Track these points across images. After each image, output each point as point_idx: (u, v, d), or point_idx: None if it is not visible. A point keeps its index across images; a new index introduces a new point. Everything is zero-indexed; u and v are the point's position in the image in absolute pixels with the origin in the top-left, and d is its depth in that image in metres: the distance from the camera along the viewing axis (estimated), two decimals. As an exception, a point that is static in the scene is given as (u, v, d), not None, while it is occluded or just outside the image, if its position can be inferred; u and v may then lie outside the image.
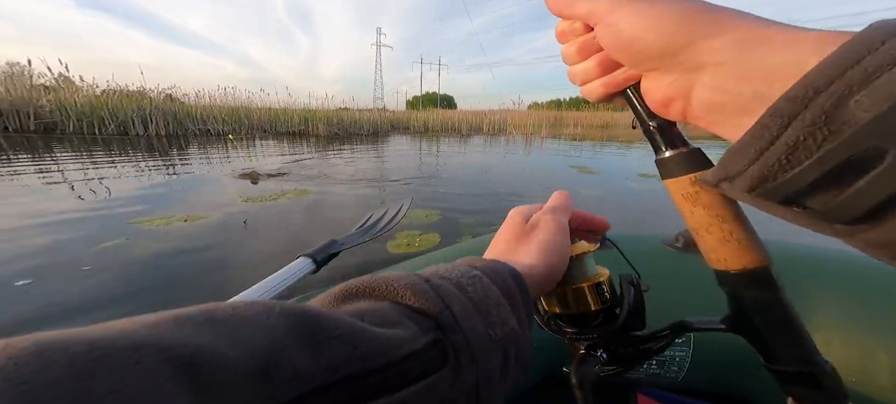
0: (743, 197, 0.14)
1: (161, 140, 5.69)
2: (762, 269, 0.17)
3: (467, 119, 12.09)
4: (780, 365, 0.18)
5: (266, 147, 5.41)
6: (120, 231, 1.56)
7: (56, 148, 4.21)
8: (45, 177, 2.59)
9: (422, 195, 2.43)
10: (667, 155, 0.18)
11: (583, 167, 3.88)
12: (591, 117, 15.34)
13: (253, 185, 2.57)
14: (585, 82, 0.19)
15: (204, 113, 7.40)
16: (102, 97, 6.58)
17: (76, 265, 1.24)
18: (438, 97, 44.15)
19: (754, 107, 0.12)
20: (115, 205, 1.96)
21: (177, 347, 0.08)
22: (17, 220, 1.62)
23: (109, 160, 3.56)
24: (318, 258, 0.50)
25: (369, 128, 9.48)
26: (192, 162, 3.70)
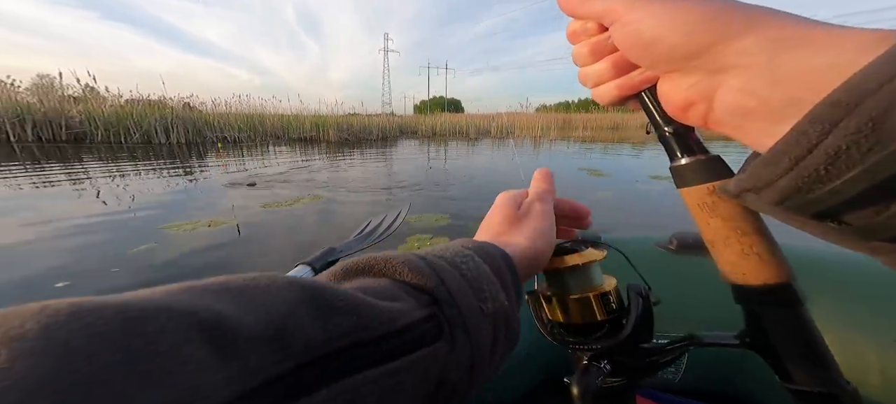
0: (768, 209, 0.13)
1: (181, 148, 5.96)
2: (785, 285, 0.16)
3: (475, 122, 12.15)
4: (798, 384, 0.17)
5: (279, 153, 5.59)
6: (149, 236, 1.67)
7: (86, 156, 4.46)
8: (78, 185, 2.77)
9: (431, 199, 2.48)
10: (683, 162, 0.17)
11: (593, 170, 3.87)
12: (600, 119, 15.15)
13: (250, 188, 2.70)
14: (598, 85, 0.18)
15: (220, 121, 7.70)
16: (127, 107, 6.90)
17: (109, 268, 1.34)
18: (446, 101, 44.33)
19: (788, 114, 0.11)
20: (143, 211, 2.10)
21: (201, 311, 0.08)
22: (54, 227, 1.76)
23: (135, 168, 3.76)
24: (316, 266, 0.51)
25: (379, 133, 9.65)
26: (211, 169, 3.87)
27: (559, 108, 18.32)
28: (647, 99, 0.17)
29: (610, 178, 3.38)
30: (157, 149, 5.53)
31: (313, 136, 8.78)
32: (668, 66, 0.15)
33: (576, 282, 0.22)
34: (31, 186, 2.66)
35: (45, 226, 1.76)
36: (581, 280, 0.22)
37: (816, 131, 0.10)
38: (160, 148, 5.83)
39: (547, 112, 16.68)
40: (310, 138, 8.70)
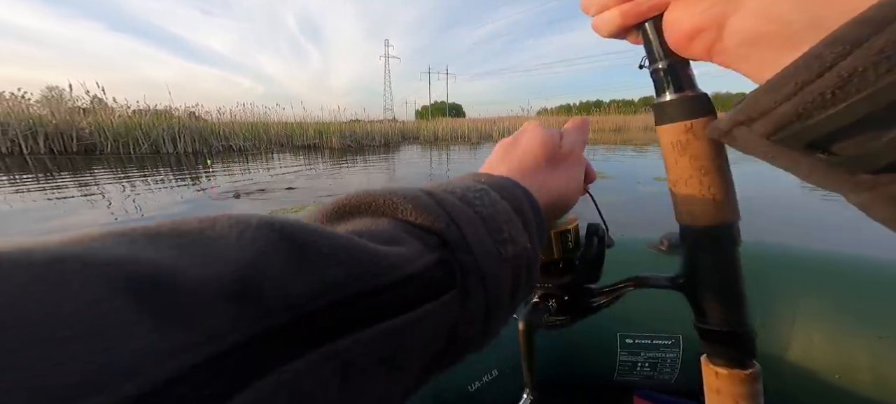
0: (756, 144, 0.12)
1: (188, 157, 6.08)
2: (728, 226, 0.17)
3: (477, 127, 12.23)
4: (710, 323, 0.18)
5: (283, 159, 5.67)
6: None
7: (96, 167, 4.57)
8: (89, 196, 2.85)
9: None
10: (667, 98, 0.17)
11: (597, 172, 3.87)
12: (602, 121, 15.17)
13: (235, 200, 2.74)
14: (601, 10, 0.17)
15: (226, 129, 7.84)
16: (135, 117, 7.05)
17: None
18: (447, 106, 44.55)
19: (805, 38, 0.10)
20: (151, 220, 2.15)
21: (131, 263, 0.06)
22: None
23: (143, 178, 3.85)
24: None
25: (381, 140, 9.75)
26: (219, 177, 3.95)
27: (560, 111, 18.38)
28: (650, 29, 0.16)
29: (613, 181, 3.41)
30: (165, 159, 5.65)
31: (317, 144, 8.89)
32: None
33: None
34: (44, 198, 2.74)
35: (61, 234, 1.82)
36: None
37: (833, 53, 0.09)
38: (168, 157, 5.96)
39: (548, 115, 16.74)
40: (313, 145, 8.81)
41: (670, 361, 0.48)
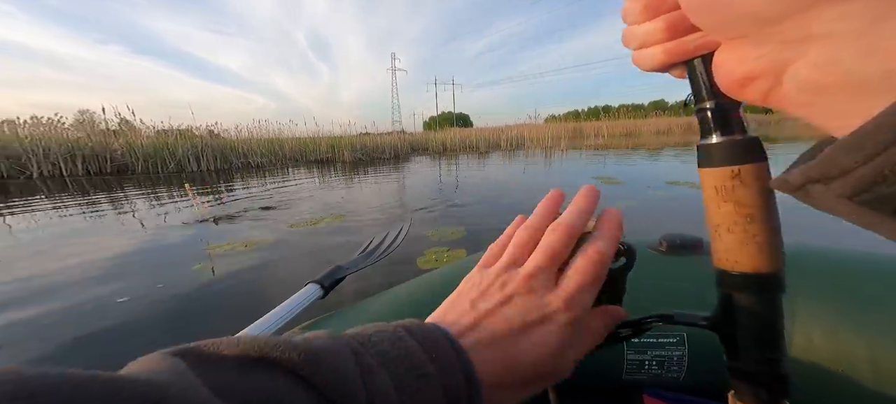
0: (835, 204, 0.11)
1: (211, 174, 6.40)
2: (773, 274, 0.16)
3: (484, 136, 12.34)
4: (744, 364, 0.17)
5: (297, 174, 5.91)
6: (199, 256, 1.86)
7: (128, 186, 4.89)
8: (122, 213, 3.08)
9: (446, 214, 2.61)
10: (714, 140, 0.16)
11: (607, 178, 3.88)
12: (612, 126, 15.02)
13: (215, 224, 2.87)
14: (643, 46, 0.16)
15: (244, 147, 8.23)
16: (161, 137, 7.47)
17: (155, 285, 1.53)
18: (454, 116, 44.98)
19: (878, 88, 0.10)
20: (186, 232, 2.33)
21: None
22: (108, 250, 1.99)
23: (170, 195, 4.10)
24: (325, 283, 0.51)
25: (391, 152, 9.97)
26: (238, 192, 4.17)
27: (569, 118, 18.32)
28: (698, 68, 0.15)
29: (625, 186, 3.39)
30: (190, 177, 5.97)
31: (329, 158, 9.18)
32: (736, 31, 0.13)
33: None
34: (82, 218, 2.98)
35: (99, 252, 2.00)
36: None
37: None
38: (192, 175, 6.29)
39: (557, 122, 16.71)
40: (326, 159, 9.10)
41: (677, 359, 0.48)
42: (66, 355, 1.10)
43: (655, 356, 0.49)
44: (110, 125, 8.07)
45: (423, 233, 2.10)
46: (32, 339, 1.18)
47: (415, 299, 0.48)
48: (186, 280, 1.61)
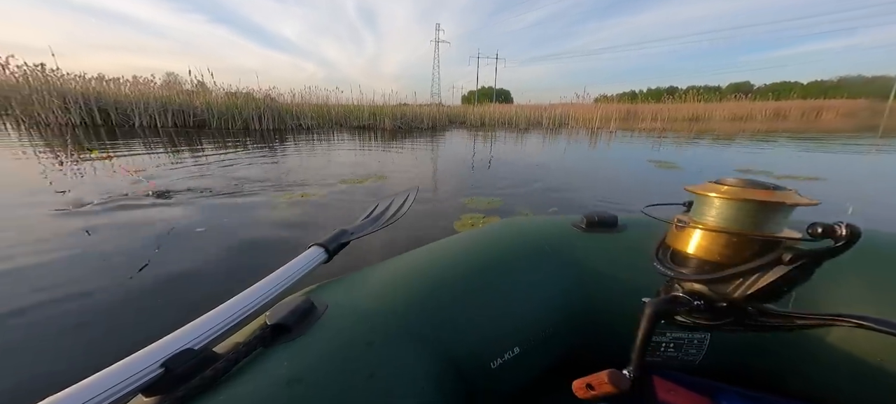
0: None
1: (270, 133, 7.12)
2: None
3: (525, 113, 11.80)
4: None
5: (340, 136, 6.31)
6: (267, 202, 2.18)
7: (204, 139, 5.66)
8: (198, 161, 3.63)
9: (482, 184, 2.68)
10: None
11: (663, 162, 3.57)
12: (675, 109, 13.27)
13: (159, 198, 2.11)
14: None
15: (297, 110, 8.92)
16: (230, 99, 8.41)
17: (221, 219, 1.85)
18: (495, 91, 42.99)
19: None
20: (255, 180, 2.71)
21: None
22: (192, 191, 2.40)
23: (235, 149, 4.68)
24: (330, 247, 0.50)
25: (429, 123, 10.08)
26: (289, 150, 4.63)
27: (623, 98, 16.53)
28: None
29: (683, 172, 3.11)
30: (253, 134, 6.72)
31: (371, 125, 9.58)
32: None
33: (757, 217, 0.19)
34: (168, 162, 3.56)
35: (184, 192, 2.43)
36: (765, 218, 0.19)
37: None
38: (255, 133, 7.06)
39: (608, 102, 15.23)
40: (368, 126, 9.51)
41: (697, 342, 0.46)
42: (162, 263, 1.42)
43: (675, 338, 0.47)
44: (188, 86, 9.18)
45: (458, 201, 2.18)
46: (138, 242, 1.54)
47: (416, 270, 0.46)
48: (250, 219, 1.93)
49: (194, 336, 0.31)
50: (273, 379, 0.29)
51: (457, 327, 0.41)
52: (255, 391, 0.28)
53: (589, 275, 0.49)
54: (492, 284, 0.45)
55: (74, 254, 1.37)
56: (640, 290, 0.46)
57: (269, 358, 0.31)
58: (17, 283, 1.14)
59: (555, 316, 0.47)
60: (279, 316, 0.34)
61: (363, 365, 0.32)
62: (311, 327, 0.34)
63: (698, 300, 0.21)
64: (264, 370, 0.30)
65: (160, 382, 0.27)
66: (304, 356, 0.31)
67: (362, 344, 0.34)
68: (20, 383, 0.74)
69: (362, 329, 0.36)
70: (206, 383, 0.27)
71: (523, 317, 0.44)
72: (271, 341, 0.33)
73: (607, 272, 0.50)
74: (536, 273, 0.48)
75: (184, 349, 0.29)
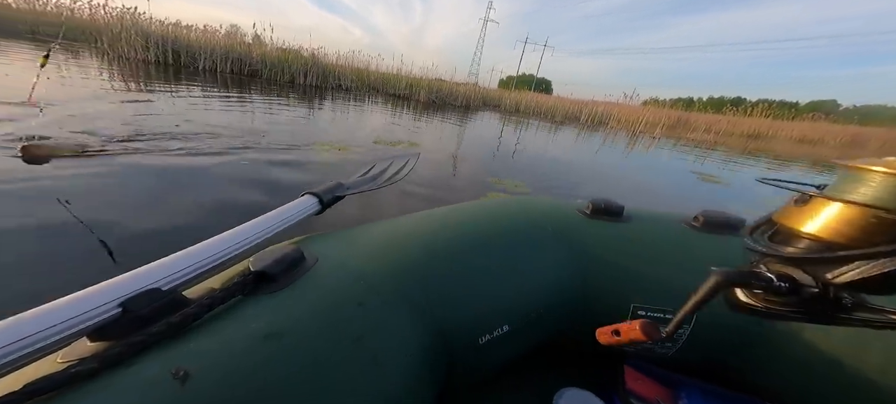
0: None
1: (312, 89, 7.45)
2: None
3: (564, 106, 11.16)
4: None
5: (376, 102, 6.43)
6: (308, 150, 2.32)
7: (253, 88, 6.04)
8: (244, 107, 3.90)
9: (510, 167, 2.67)
10: None
11: (707, 175, 3.31)
12: (735, 123, 11.76)
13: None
14: None
15: (339, 71, 9.23)
16: (282, 54, 8.83)
17: (281, 159, 2.01)
18: (535, 80, 40.61)
19: None
20: (304, 127, 2.91)
21: None
22: (241, 130, 2.63)
23: (279, 100, 4.96)
24: (324, 198, 0.47)
25: (463, 101, 9.94)
26: (325, 107, 4.83)
27: (677, 105, 14.95)
28: None
29: (727, 188, 2.85)
30: (298, 89, 7.07)
31: (406, 95, 9.64)
32: None
33: (873, 189, 0.18)
34: (219, 103, 3.86)
35: (239, 128, 2.65)
36: (886, 192, 0.18)
37: None
38: (300, 88, 7.43)
39: (657, 106, 13.89)
40: (403, 96, 9.59)
41: (676, 336, 0.45)
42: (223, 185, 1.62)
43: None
44: (249, 39, 9.72)
45: (484, 179, 2.16)
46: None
47: (415, 234, 0.43)
48: (295, 160, 2.06)
49: (162, 275, 0.27)
50: (249, 331, 0.25)
51: (451, 299, 0.38)
52: (226, 343, 0.24)
53: (588, 261, 0.48)
54: (490, 259, 0.43)
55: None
56: (637, 283, 0.46)
57: (247, 308, 0.28)
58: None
59: (547, 298, 0.45)
60: (264, 263, 0.30)
61: (352, 326, 0.29)
62: (297, 280, 0.31)
63: (784, 282, 0.19)
64: (240, 320, 0.26)
65: (116, 324, 0.24)
66: (288, 310, 0.28)
67: (353, 303, 0.31)
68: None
69: (354, 288, 0.33)
70: (170, 329, 0.24)
71: (516, 297, 0.43)
72: (252, 290, 0.29)
73: (606, 260, 0.48)
74: (535, 253, 0.46)
75: (149, 288, 0.26)
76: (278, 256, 0.32)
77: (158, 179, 1.38)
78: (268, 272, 0.30)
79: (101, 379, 0.21)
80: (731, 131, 11.24)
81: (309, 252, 0.36)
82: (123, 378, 0.21)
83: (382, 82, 9.99)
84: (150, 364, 0.22)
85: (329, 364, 0.26)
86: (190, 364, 0.22)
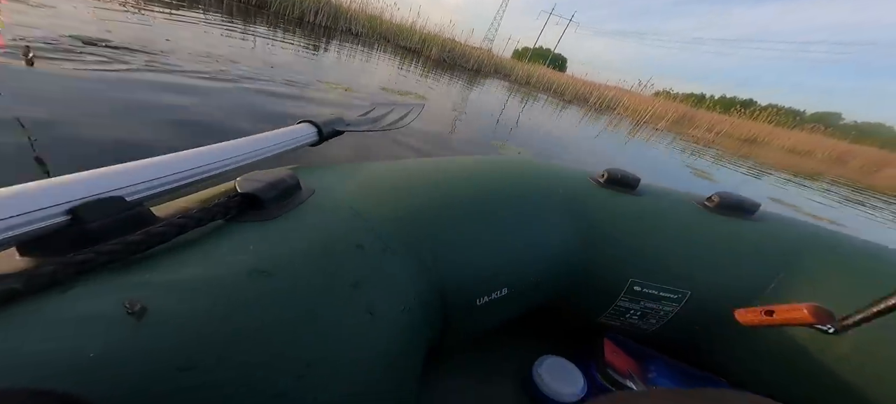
0: None
1: (322, 30, 7.14)
2: None
3: (574, 85, 10.91)
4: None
5: (386, 52, 6.25)
6: (313, 88, 2.34)
7: (259, 20, 5.76)
8: (245, 38, 3.81)
9: (514, 134, 2.74)
10: None
11: (700, 171, 3.46)
12: (737, 126, 11.71)
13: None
14: None
15: (352, 15, 8.80)
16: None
17: (287, 92, 2.08)
18: (552, 55, 38.38)
19: None
20: (309, 64, 2.92)
21: None
22: (240, 58, 2.64)
23: (284, 36, 4.82)
24: (323, 130, 0.44)
25: (474, 65, 9.67)
26: (332, 49, 4.73)
27: (688, 100, 14.64)
28: None
29: (718, 185, 2.99)
30: (306, 27, 6.77)
31: (417, 50, 9.31)
32: None
33: None
34: (220, 31, 3.76)
35: (230, 56, 2.66)
36: None
37: None
38: (309, 26, 7.11)
39: (668, 99, 13.62)
40: (414, 50, 9.26)
41: (662, 314, 0.45)
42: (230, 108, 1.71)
43: (645, 307, 0.44)
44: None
45: (488, 143, 2.23)
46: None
47: (422, 179, 0.40)
48: (300, 95, 2.11)
49: (127, 183, 0.22)
50: (231, 265, 0.21)
51: (457, 255, 0.35)
52: (199, 274, 0.20)
53: (593, 230, 0.45)
54: (498, 218, 0.40)
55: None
56: (640, 258, 0.44)
57: (230, 236, 0.24)
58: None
59: (549, 264, 0.43)
60: (254, 185, 0.26)
61: (349, 270, 0.26)
62: (291, 210, 0.28)
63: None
64: (221, 249, 0.22)
65: (59, 235, 0.19)
66: (278, 243, 0.24)
67: (351, 245, 0.28)
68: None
69: (353, 228, 0.30)
70: (130, 249, 0.19)
71: (519, 259, 0.40)
72: (237, 215, 0.25)
73: (612, 232, 0.45)
74: (543, 216, 0.44)
75: (109, 196, 0.21)
76: (272, 180, 0.28)
77: (130, 93, 1.21)
78: (258, 196, 0.26)
79: (25, 306, 0.15)
80: (730, 133, 11.20)
81: (304, 181, 0.32)
82: (58, 306, 0.16)
83: (395, 33, 9.54)
84: (97, 292, 0.17)
85: (321, 309, 0.22)
86: (149, 296, 0.17)
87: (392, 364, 0.26)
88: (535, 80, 10.90)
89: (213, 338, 0.18)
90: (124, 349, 0.15)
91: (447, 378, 0.44)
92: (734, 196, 0.49)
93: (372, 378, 0.24)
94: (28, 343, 0.14)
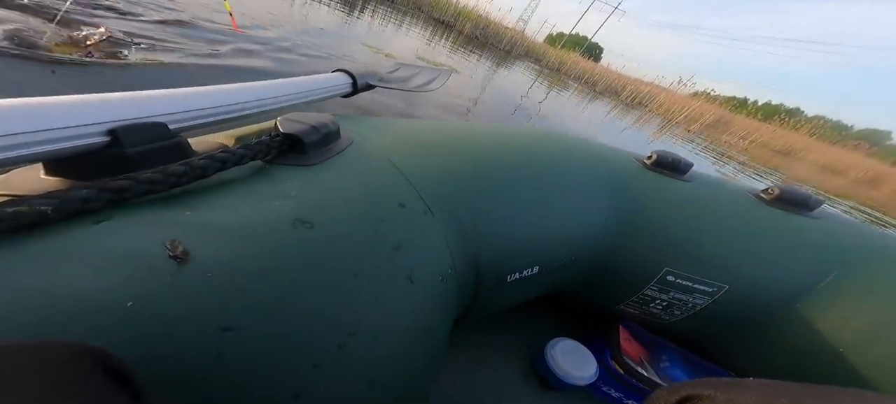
0: None
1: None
2: None
3: (607, 77, 10.22)
4: None
5: (417, 22, 6.02)
6: (355, 48, 2.35)
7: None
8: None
9: (540, 117, 2.72)
10: None
11: (726, 178, 3.28)
12: (773, 135, 10.72)
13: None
14: None
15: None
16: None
17: (309, 42, 2.09)
18: (588, 43, 35.43)
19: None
20: (345, 27, 2.92)
21: None
22: (294, 24, 2.62)
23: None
24: (358, 81, 0.42)
25: (507, 45, 9.22)
26: (368, 15, 4.62)
27: (727, 104, 13.41)
28: None
29: None
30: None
31: (450, 23, 8.92)
32: None
33: None
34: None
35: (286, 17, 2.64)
36: None
37: None
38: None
39: (707, 101, 12.53)
40: (446, 23, 8.88)
41: (689, 306, 0.41)
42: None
43: (674, 298, 0.41)
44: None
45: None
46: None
47: (465, 143, 0.38)
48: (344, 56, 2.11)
49: (169, 110, 0.20)
50: (274, 210, 0.19)
51: (495, 225, 0.33)
52: (244, 220, 0.18)
53: (637, 214, 0.42)
54: (539, 191, 0.37)
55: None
56: (681, 247, 0.40)
57: (271, 178, 0.22)
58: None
59: (582, 246, 0.40)
60: (297, 127, 0.24)
61: (392, 230, 0.24)
62: (332, 158, 0.26)
63: None
64: (262, 193, 0.20)
65: (93, 156, 0.17)
66: (321, 193, 0.22)
67: (394, 203, 0.26)
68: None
69: (395, 185, 0.27)
70: (171, 181, 0.17)
71: (555, 239, 0.38)
72: (278, 156, 0.23)
73: (653, 217, 0.42)
74: (583, 196, 0.41)
75: (152, 121, 0.19)
76: (315, 123, 0.25)
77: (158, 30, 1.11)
78: (301, 138, 0.24)
79: (53, 234, 0.13)
80: (765, 143, 10.24)
81: (343, 129, 0.30)
82: (92, 238, 0.13)
83: (430, 3, 9.14)
84: (135, 226, 0.15)
85: (365, 271, 0.20)
86: (190, 239, 0.15)
87: (422, 338, 0.23)
88: (567, 68, 10.29)
89: (257, 296, 0.15)
90: (166, 299, 0.12)
91: (456, 352, 0.41)
92: (795, 189, 0.45)
93: (405, 354, 0.21)
94: (57, 279, 0.11)
